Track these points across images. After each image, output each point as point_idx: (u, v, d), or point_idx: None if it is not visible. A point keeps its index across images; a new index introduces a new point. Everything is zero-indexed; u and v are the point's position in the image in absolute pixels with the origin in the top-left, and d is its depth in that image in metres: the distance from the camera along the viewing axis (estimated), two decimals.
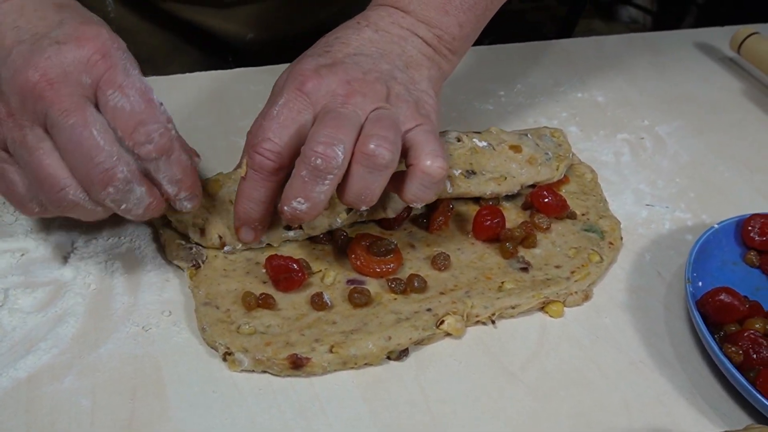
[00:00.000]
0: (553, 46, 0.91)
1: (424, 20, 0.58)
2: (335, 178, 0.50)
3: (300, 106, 0.52)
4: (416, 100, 0.55)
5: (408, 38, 0.58)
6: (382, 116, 0.52)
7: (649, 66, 0.90)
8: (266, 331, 0.52)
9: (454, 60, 0.61)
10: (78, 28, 0.48)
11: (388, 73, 0.55)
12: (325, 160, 0.49)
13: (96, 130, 0.47)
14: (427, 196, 0.53)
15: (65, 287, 0.55)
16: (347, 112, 0.51)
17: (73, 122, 0.46)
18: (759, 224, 0.63)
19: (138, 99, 0.48)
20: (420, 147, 0.52)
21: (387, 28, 0.57)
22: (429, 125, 0.54)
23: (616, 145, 0.76)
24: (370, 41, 0.56)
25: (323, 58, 0.55)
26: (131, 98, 0.48)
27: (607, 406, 0.52)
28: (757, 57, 0.88)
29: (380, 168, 0.50)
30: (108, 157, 0.47)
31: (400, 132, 0.52)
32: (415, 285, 0.56)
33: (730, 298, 0.55)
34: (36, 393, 0.48)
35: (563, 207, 0.63)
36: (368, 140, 0.50)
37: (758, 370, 0.51)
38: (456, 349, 0.54)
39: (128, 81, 0.48)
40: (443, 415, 0.50)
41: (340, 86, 0.52)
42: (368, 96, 0.52)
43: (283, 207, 0.51)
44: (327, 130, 0.50)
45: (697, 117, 0.82)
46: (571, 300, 0.58)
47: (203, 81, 0.77)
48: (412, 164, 0.52)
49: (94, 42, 0.48)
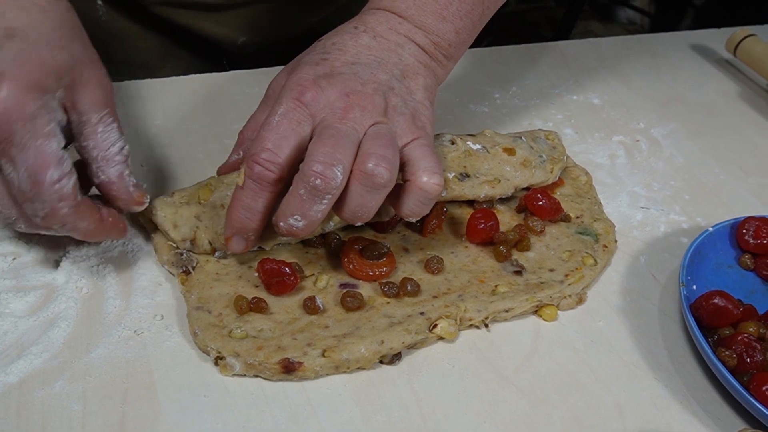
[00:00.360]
0: (549, 48, 0.91)
1: (422, 26, 0.58)
2: (333, 198, 0.50)
3: (299, 117, 0.52)
4: (413, 113, 0.55)
5: (405, 45, 0.57)
6: (380, 133, 0.52)
7: (645, 68, 0.89)
8: (258, 335, 0.52)
9: (449, 66, 0.61)
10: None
11: (386, 84, 0.55)
12: (323, 180, 0.49)
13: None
14: (422, 211, 0.54)
15: (57, 291, 0.55)
16: (346, 128, 0.51)
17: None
18: (754, 227, 0.62)
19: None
20: (417, 162, 0.53)
21: (384, 34, 0.57)
22: (425, 138, 0.54)
23: (611, 148, 0.76)
24: (368, 48, 0.56)
25: (321, 66, 0.55)
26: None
27: (600, 409, 0.51)
28: (754, 59, 0.87)
29: (378, 187, 0.51)
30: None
31: (397, 148, 0.52)
32: (408, 289, 0.56)
33: (724, 302, 0.54)
34: (27, 398, 0.48)
35: (557, 210, 0.63)
36: (367, 159, 0.50)
37: (752, 374, 0.51)
38: (449, 353, 0.54)
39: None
40: (436, 420, 0.50)
41: (339, 99, 0.52)
42: (366, 109, 0.52)
43: (279, 222, 0.52)
44: (326, 148, 0.50)
45: (693, 119, 0.82)
46: (565, 303, 0.58)
47: (196, 84, 0.77)
48: (408, 180, 0.53)
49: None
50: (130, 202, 0.54)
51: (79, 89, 0.51)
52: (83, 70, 0.52)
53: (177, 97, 0.75)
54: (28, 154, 0.48)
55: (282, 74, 0.61)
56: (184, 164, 0.66)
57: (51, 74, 0.49)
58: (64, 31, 0.52)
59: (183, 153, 0.68)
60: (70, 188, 0.49)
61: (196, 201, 0.58)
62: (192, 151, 0.69)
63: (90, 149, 0.53)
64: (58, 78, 0.50)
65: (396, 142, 0.53)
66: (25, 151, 0.48)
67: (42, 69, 0.49)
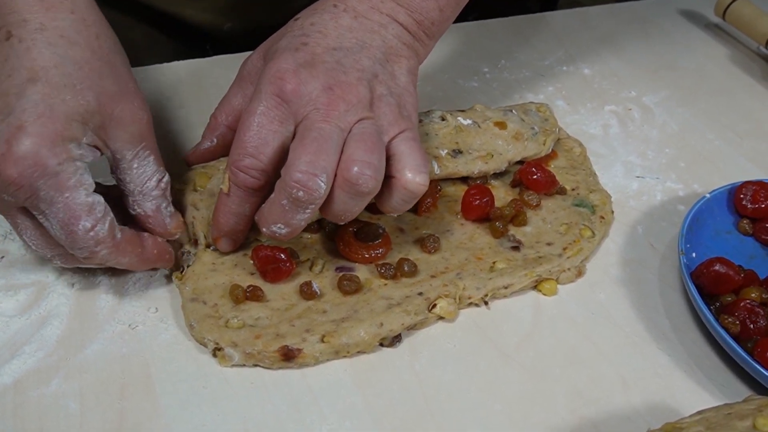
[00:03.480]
0: (536, 19, 0.90)
1: (404, 4, 0.56)
2: (316, 207, 0.50)
3: (281, 115, 0.50)
4: (398, 101, 0.53)
5: (388, 26, 0.55)
6: (366, 133, 0.50)
7: (635, 36, 0.88)
8: (255, 324, 0.51)
9: (430, 45, 0.59)
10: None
11: (370, 71, 0.53)
12: (306, 192, 0.48)
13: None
14: (404, 209, 0.53)
15: (48, 288, 0.54)
16: (329, 129, 0.49)
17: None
18: (751, 192, 0.62)
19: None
20: (403, 159, 0.51)
21: (366, 13, 0.55)
22: (411, 131, 0.53)
23: (603, 118, 0.75)
24: (349, 30, 0.54)
25: (301, 53, 0.52)
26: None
27: (604, 382, 0.51)
28: (743, 22, 0.86)
29: (362, 195, 0.50)
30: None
31: (383, 150, 0.51)
32: (405, 269, 0.55)
33: (725, 269, 0.54)
34: (23, 398, 0.47)
35: (552, 183, 0.63)
36: (351, 165, 0.49)
37: (756, 339, 0.51)
38: (449, 333, 0.54)
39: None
40: (438, 400, 0.49)
41: (322, 93, 0.50)
42: (351, 103, 0.51)
43: (262, 227, 0.51)
44: (308, 156, 0.48)
45: (685, 85, 0.81)
46: (565, 277, 0.57)
47: (181, 70, 0.76)
48: (394, 177, 0.51)
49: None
50: (165, 234, 0.53)
51: (109, 129, 0.50)
52: (114, 108, 0.50)
53: (161, 85, 0.73)
54: (57, 208, 0.47)
55: (257, 55, 0.58)
56: (171, 153, 0.65)
57: (76, 122, 0.48)
58: (93, 66, 0.50)
59: (170, 141, 0.67)
60: (105, 232, 0.48)
61: (191, 188, 0.57)
62: (178, 138, 0.67)
63: (126, 183, 0.52)
64: (84, 124, 0.48)
65: (382, 142, 0.51)
66: (53, 206, 0.47)
67: (66, 118, 0.47)
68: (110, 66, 0.51)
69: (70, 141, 0.47)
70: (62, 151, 0.47)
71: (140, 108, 0.52)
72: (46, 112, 0.47)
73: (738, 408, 0.43)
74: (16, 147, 0.46)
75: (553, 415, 0.49)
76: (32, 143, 0.46)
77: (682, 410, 0.49)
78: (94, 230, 0.48)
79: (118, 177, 0.52)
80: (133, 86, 0.52)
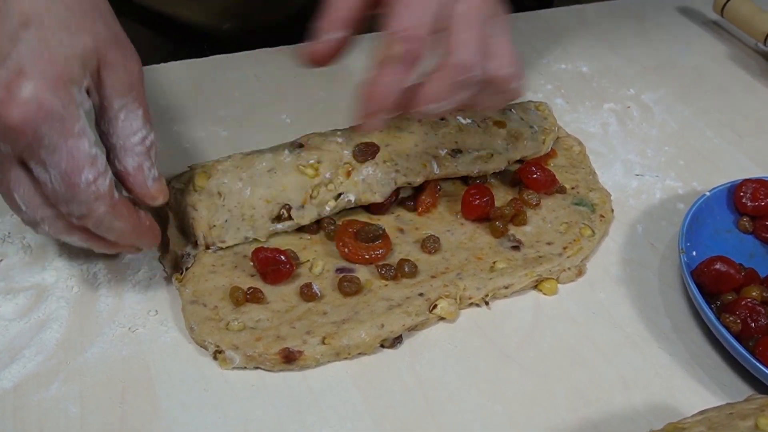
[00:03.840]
0: (534, 17, 0.90)
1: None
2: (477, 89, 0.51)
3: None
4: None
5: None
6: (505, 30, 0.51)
7: (633, 33, 0.88)
8: (256, 326, 0.51)
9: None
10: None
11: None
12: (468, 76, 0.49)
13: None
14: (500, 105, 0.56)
15: (47, 291, 0.54)
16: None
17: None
18: (751, 189, 0.62)
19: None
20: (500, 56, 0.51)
21: None
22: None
23: (602, 116, 0.75)
24: None
25: None
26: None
27: (604, 382, 0.51)
28: (741, 19, 0.86)
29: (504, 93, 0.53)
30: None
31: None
32: (406, 270, 0.55)
33: (726, 267, 0.54)
34: (23, 402, 0.47)
35: (552, 182, 0.62)
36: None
37: (757, 338, 0.51)
38: (450, 333, 0.53)
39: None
40: (440, 402, 0.49)
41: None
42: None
43: (421, 107, 0.50)
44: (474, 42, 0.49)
45: (683, 83, 0.81)
46: (565, 276, 0.57)
47: (179, 71, 0.75)
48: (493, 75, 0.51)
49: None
50: (146, 196, 0.50)
51: (102, 72, 0.48)
52: (106, 52, 0.47)
53: (159, 86, 0.73)
54: (60, 156, 0.44)
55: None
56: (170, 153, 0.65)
57: (76, 63, 0.45)
58: (84, 9, 0.47)
59: (168, 142, 0.66)
60: (106, 187, 0.46)
61: (191, 189, 0.57)
62: (177, 139, 0.67)
63: (110, 135, 0.49)
64: (83, 65, 0.46)
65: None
66: (56, 154, 0.44)
67: (65, 60, 0.45)
68: (101, 11, 0.49)
69: (72, 84, 0.45)
70: (65, 94, 0.45)
71: (132, 57, 0.50)
72: (45, 54, 0.44)
73: (740, 407, 0.43)
74: (17, 91, 0.43)
75: (554, 416, 0.49)
76: (34, 87, 0.43)
77: (683, 410, 0.49)
78: (95, 183, 0.46)
79: (102, 129, 0.49)
80: (123, 35, 0.50)
